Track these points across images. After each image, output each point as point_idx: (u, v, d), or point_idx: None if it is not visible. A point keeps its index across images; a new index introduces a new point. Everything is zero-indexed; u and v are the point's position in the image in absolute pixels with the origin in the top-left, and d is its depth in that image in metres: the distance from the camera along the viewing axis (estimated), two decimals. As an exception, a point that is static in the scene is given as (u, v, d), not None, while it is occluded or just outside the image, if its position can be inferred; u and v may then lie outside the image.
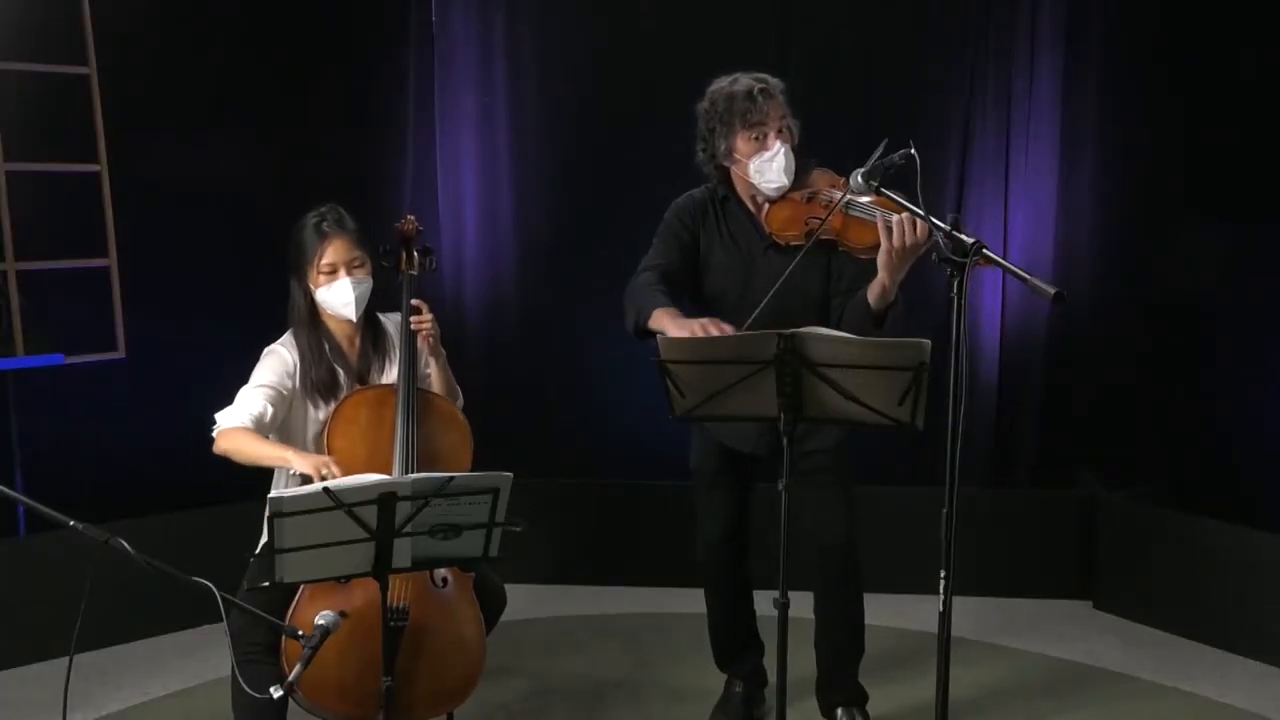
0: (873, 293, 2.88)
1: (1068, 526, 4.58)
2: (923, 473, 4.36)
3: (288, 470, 2.88)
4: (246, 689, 2.43)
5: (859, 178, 2.73)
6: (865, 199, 2.91)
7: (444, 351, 3.11)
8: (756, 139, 3.07)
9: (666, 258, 3.16)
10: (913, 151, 2.55)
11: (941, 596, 2.44)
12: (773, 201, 3.12)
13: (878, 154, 2.64)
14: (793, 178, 3.09)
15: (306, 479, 2.70)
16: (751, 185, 3.13)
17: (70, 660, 2.30)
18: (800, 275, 2.96)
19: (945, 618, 2.45)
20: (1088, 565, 4.50)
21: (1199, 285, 4.66)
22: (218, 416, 2.88)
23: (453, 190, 5.09)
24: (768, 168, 3.07)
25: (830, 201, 3.00)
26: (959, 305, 2.42)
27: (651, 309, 2.92)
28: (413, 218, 3.14)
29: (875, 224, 2.81)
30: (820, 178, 3.11)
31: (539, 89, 5.01)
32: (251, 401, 2.89)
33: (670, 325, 2.82)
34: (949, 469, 2.39)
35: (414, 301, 3.02)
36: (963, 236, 2.47)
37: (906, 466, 4.62)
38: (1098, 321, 4.85)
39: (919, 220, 2.67)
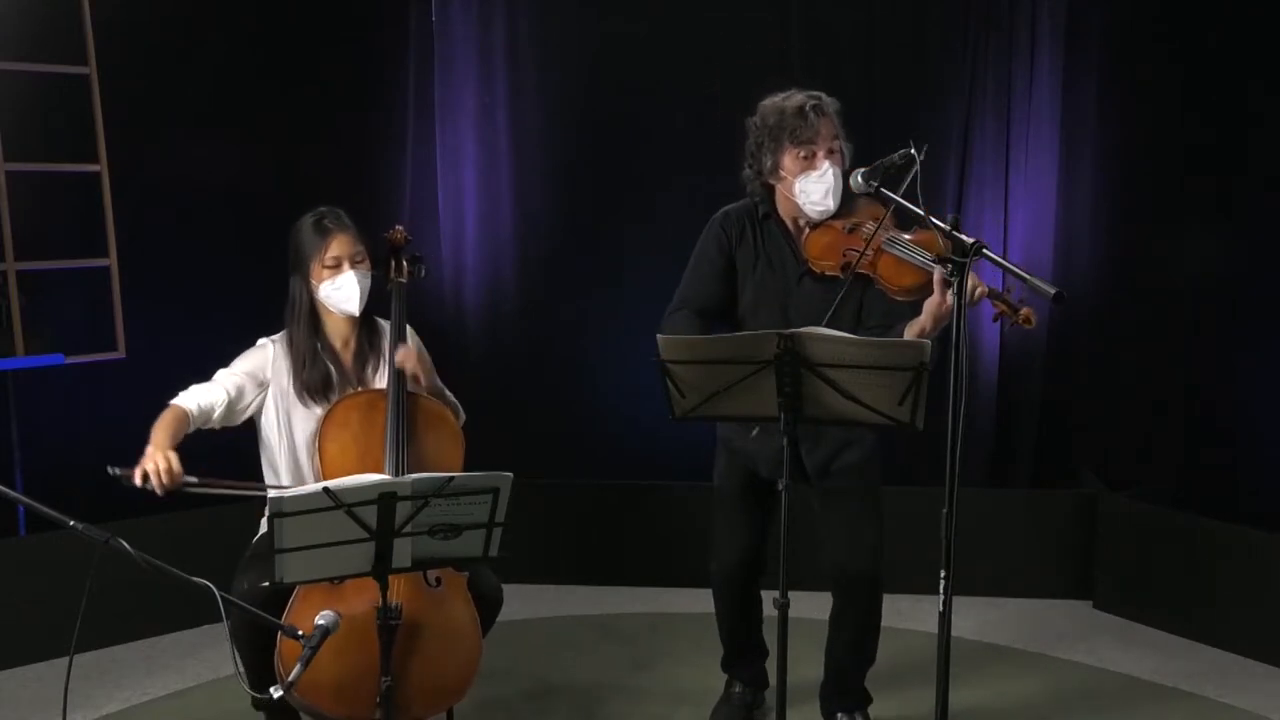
0: (910, 334, 2.84)
1: (1068, 526, 4.58)
2: (923, 473, 4.36)
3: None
4: (247, 689, 2.43)
5: (859, 177, 2.73)
6: (906, 236, 2.86)
7: (440, 384, 3.11)
8: (805, 157, 2.98)
9: (699, 290, 3.09)
10: (913, 151, 2.55)
11: (941, 596, 2.44)
12: (814, 226, 3.05)
13: (907, 155, 2.59)
14: (838, 202, 3.00)
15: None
16: (795, 206, 3.04)
17: (70, 660, 2.30)
18: (829, 306, 2.91)
19: (945, 618, 2.45)
20: (1088, 565, 4.50)
21: (1199, 285, 4.67)
22: (183, 392, 2.91)
23: (453, 190, 5.09)
24: (814, 188, 2.98)
25: (870, 235, 2.91)
26: (959, 305, 2.42)
27: None
28: (401, 228, 3.16)
29: (912, 265, 2.78)
30: (866, 209, 2.99)
31: (539, 88, 5.01)
32: (212, 390, 2.94)
33: None
34: (949, 469, 2.38)
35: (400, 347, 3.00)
36: (963, 236, 2.48)
37: (906, 466, 4.62)
38: (1098, 322, 4.85)
39: (980, 286, 2.64)
